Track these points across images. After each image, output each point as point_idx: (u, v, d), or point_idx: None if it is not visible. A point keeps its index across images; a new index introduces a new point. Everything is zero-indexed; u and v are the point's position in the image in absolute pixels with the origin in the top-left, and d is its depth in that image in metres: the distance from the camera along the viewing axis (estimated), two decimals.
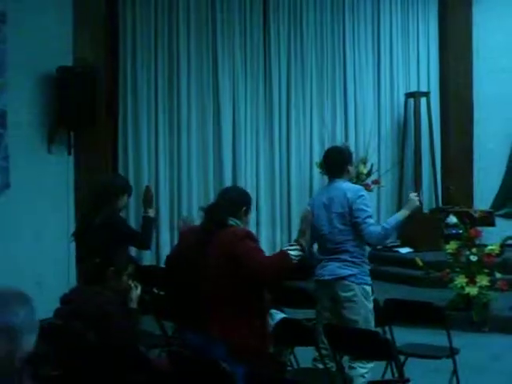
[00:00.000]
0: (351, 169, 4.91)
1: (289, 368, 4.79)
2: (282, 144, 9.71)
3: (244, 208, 3.99)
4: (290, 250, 3.78)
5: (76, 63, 7.59)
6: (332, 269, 4.65)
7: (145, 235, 5.33)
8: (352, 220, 4.60)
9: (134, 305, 4.00)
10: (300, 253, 3.78)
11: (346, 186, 4.73)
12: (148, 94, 8.95)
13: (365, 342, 4.15)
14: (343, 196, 4.62)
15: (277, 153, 9.64)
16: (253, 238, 3.86)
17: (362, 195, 4.66)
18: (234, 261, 3.67)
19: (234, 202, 3.95)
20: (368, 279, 4.70)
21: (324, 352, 4.40)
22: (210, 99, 9.28)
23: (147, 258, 8.74)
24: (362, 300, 4.61)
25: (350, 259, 4.61)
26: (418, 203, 4.74)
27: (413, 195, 4.82)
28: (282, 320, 4.35)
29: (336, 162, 4.82)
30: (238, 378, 3.33)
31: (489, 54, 10.29)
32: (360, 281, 4.63)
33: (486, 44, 10.33)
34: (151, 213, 5.38)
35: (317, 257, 4.85)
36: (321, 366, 4.46)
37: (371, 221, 4.60)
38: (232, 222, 3.89)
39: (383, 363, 4.77)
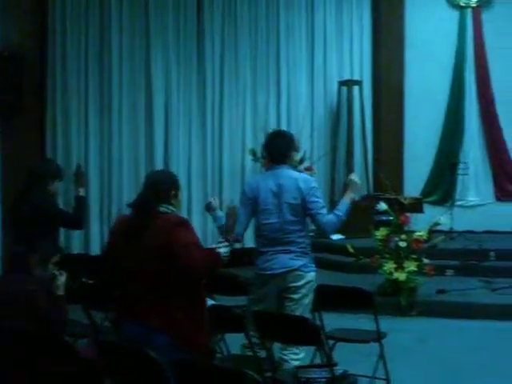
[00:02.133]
0: (294, 154, 4.80)
1: (218, 355, 4.80)
2: (214, 131, 9.67)
3: (173, 192, 3.89)
4: (220, 247, 3.76)
5: (3, 47, 7.38)
6: (283, 261, 4.60)
7: (78, 215, 5.26)
8: (306, 212, 4.56)
9: (60, 292, 3.94)
10: (229, 249, 3.78)
11: (296, 175, 4.64)
12: (78, 78, 8.80)
13: (293, 328, 4.18)
14: (295, 186, 4.54)
15: (209, 140, 9.61)
16: (188, 227, 3.80)
17: (315, 186, 4.60)
18: (170, 250, 3.63)
19: (161, 188, 3.83)
20: (314, 267, 4.72)
21: (254, 339, 4.41)
22: (142, 85, 9.18)
23: (76, 247, 8.62)
24: (310, 288, 4.65)
25: (299, 250, 4.60)
26: (359, 184, 4.74)
27: (353, 176, 4.81)
28: (212, 307, 4.34)
29: (280, 147, 4.70)
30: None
31: (420, 43, 10.44)
32: (309, 269, 4.65)
33: (418, 34, 10.47)
34: (82, 192, 5.31)
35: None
36: (250, 353, 4.47)
37: (324, 211, 4.56)
38: (164, 208, 3.80)
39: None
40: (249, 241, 6.34)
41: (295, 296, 4.58)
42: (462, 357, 6.11)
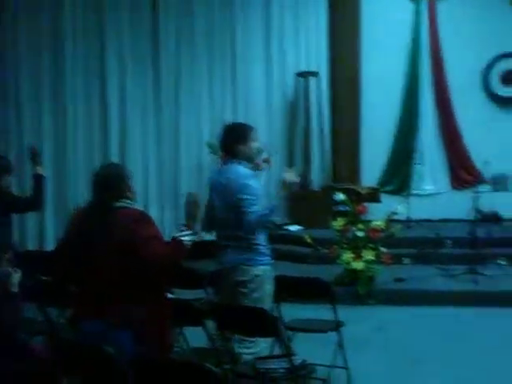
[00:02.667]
0: (244, 148, 4.55)
1: (177, 349, 4.78)
2: (171, 123, 9.64)
3: (125, 184, 3.81)
4: (183, 236, 3.74)
5: None
6: (231, 256, 4.59)
7: (37, 193, 5.13)
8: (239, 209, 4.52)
9: (15, 289, 3.88)
10: (193, 237, 3.75)
11: (239, 170, 4.54)
12: (31, 72, 8.69)
13: (251, 319, 4.18)
14: (237, 181, 4.50)
15: (166, 132, 9.58)
16: (149, 221, 3.77)
17: (247, 183, 4.46)
18: (131, 246, 3.59)
19: (112, 184, 3.76)
20: (266, 259, 4.64)
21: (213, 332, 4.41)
22: (97, 79, 9.10)
23: (31, 243, 8.51)
24: (260, 282, 4.59)
25: (246, 245, 4.55)
26: (292, 178, 4.61)
27: (286, 174, 4.73)
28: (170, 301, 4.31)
29: (226, 141, 4.62)
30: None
31: (376, 34, 10.51)
32: (257, 263, 4.59)
33: (374, 24, 10.53)
34: (40, 170, 5.19)
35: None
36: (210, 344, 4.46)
37: (253, 208, 4.41)
38: (121, 203, 3.75)
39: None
40: None
41: (244, 290, 4.56)
42: (420, 344, 6.18)
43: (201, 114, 9.81)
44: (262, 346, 4.59)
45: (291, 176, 4.63)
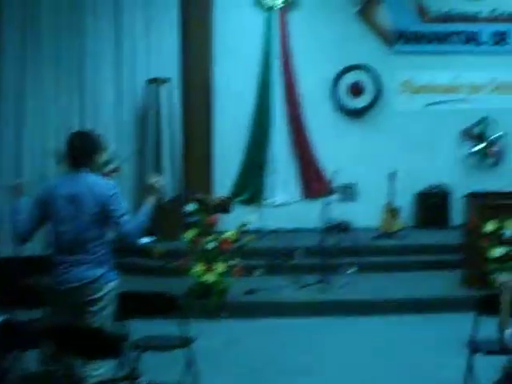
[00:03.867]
0: (94, 157, 4.43)
1: (12, 375, 4.40)
2: (15, 131, 9.10)
3: None
4: None
5: None
6: (80, 273, 4.27)
7: None
8: (106, 220, 4.28)
9: None
10: None
11: (95, 181, 4.33)
12: None
13: (91, 341, 3.89)
14: (94, 193, 4.25)
15: (8, 140, 9.00)
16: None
17: (115, 193, 4.30)
18: None
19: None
20: (115, 274, 4.42)
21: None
22: None
23: None
24: (110, 299, 4.36)
25: (96, 259, 4.30)
26: (159, 185, 4.50)
27: (153, 178, 4.57)
28: (3, 322, 3.96)
29: (82, 151, 4.35)
30: None
31: (228, 43, 10.48)
32: (109, 279, 4.35)
33: (226, 34, 10.49)
34: None
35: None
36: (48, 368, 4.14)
37: (125, 218, 4.28)
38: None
39: None
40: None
41: (94, 308, 4.28)
42: (272, 356, 6.15)
43: (47, 122, 9.32)
44: (107, 367, 4.31)
45: (158, 182, 4.48)
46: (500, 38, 10.91)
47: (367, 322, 7.10)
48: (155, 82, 9.93)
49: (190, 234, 7.38)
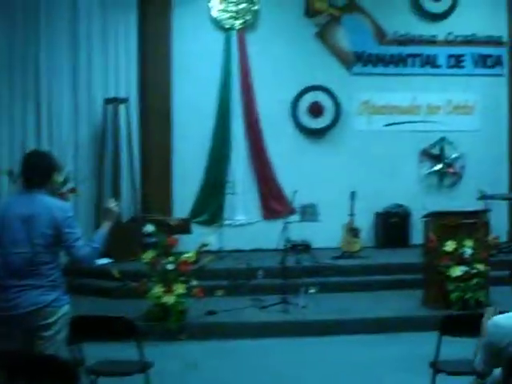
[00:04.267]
0: (50, 178, 4.26)
1: None
2: None
3: None
4: None
5: None
6: (31, 298, 4.08)
7: None
8: (60, 243, 4.13)
9: None
10: None
11: (51, 202, 4.17)
12: None
13: (46, 367, 3.72)
14: (49, 215, 4.10)
15: None
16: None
17: (71, 216, 4.17)
18: None
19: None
20: (67, 297, 4.26)
21: None
22: None
23: None
24: (64, 323, 4.19)
25: (49, 284, 4.13)
26: (116, 210, 4.39)
27: (110, 203, 4.46)
28: None
29: (38, 170, 4.21)
30: None
31: (187, 64, 10.43)
32: (62, 303, 4.18)
33: (185, 54, 10.46)
34: None
35: None
36: None
37: (80, 243, 4.14)
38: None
39: None
40: None
41: (47, 333, 4.11)
42: (233, 378, 6.03)
43: (1, 141, 9.11)
44: None
45: (113, 205, 4.37)
46: (456, 61, 11.08)
47: (329, 342, 7.04)
48: (114, 101, 9.81)
49: (148, 255, 7.24)
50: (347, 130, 10.89)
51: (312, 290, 8.41)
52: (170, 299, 7.07)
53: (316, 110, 10.81)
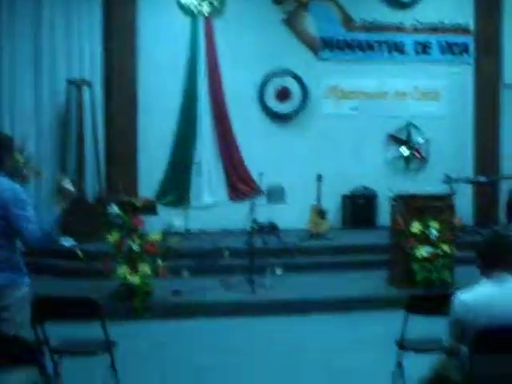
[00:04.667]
0: (10, 159, 4.22)
1: None
2: None
3: None
4: None
5: None
6: None
7: None
8: (12, 226, 4.03)
9: None
10: None
11: (5, 185, 4.07)
12: None
13: (8, 348, 3.65)
14: (2, 197, 4.01)
15: None
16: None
17: (22, 198, 4.06)
18: None
19: None
20: (27, 279, 4.17)
21: None
22: None
23: None
24: (25, 304, 4.12)
25: (7, 266, 4.05)
26: (71, 189, 4.28)
27: (65, 182, 4.34)
28: None
29: None
30: None
31: (153, 47, 10.34)
32: (19, 285, 4.09)
33: (150, 38, 10.36)
34: None
35: None
36: None
37: (32, 226, 4.02)
38: None
39: None
40: None
41: (8, 315, 4.03)
42: (199, 356, 6.01)
43: None
44: (25, 374, 4.07)
45: (68, 184, 4.23)
46: (423, 48, 11.12)
47: (295, 321, 7.05)
48: (77, 83, 9.65)
49: (114, 236, 7.16)
50: (314, 114, 10.88)
51: (278, 271, 8.42)
52: (135, 279, 7.01)
53: (283, 95, 10.78)
